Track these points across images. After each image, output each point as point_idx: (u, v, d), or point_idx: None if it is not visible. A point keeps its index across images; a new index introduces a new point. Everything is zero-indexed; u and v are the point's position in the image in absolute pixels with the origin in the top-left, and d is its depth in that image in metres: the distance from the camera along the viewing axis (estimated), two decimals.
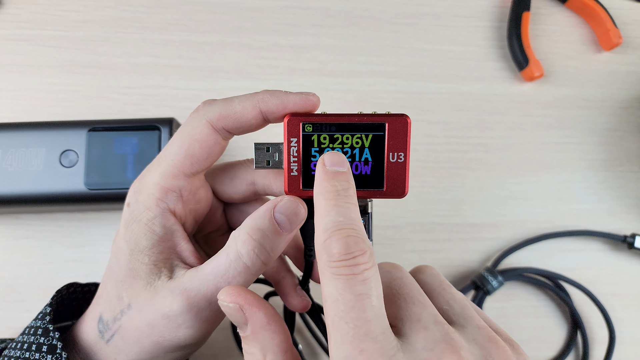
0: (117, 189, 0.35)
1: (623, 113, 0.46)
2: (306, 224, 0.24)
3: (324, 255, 0.19)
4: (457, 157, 0.44)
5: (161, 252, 0.24)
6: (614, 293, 0.43)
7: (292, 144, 0.23)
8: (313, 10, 0.45)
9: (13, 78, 0.41)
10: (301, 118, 0.23)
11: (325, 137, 0.23)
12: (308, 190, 0.23)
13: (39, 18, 0.43)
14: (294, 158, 0.23)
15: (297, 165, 0.23)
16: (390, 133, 0.23)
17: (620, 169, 0.45)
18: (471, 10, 0.47)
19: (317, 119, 0.23)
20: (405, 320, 0.19)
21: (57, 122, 0.36)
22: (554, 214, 0.44)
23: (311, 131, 0.23)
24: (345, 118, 0.23)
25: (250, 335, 0.21)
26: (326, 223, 0.19)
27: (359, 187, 0.23)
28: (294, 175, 0.23)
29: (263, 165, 0.24)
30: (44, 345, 0.24)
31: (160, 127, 0.35)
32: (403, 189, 0.23)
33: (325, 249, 0.19)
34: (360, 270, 0.18)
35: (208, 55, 0.43)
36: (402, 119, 0.23)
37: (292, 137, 0.23)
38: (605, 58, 0.47)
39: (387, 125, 0.23)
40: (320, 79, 0.44)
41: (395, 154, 0.23)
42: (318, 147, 0.23)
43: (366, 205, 0.24)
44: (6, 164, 0.35)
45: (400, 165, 0.23)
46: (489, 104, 0.45)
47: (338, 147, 0.23)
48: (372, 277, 0.18)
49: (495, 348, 0.19)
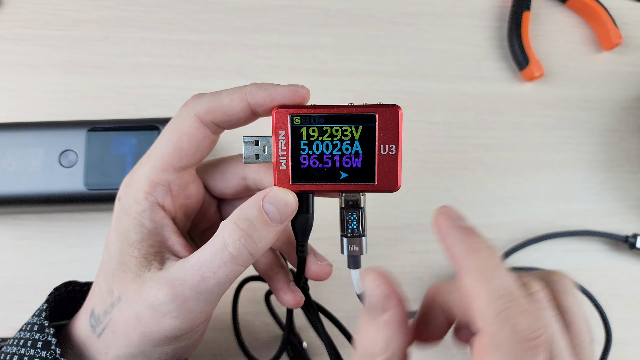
0: (117, 189, 0.34)
1: (623, 113, 0.46)
2: (297, 218, 0.24)
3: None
4: (457, 157, 0.44)
5: (151, 246, 0.24)
6: (614, 294, 0.43)
7: (280, 137, 0.23)
8: (313, 9, 0.45)
9: (12, 78, 0.41)
10: (289, 110, 0.23)
11: (314, 129, 0.22)
12: (297, 184, 0.23)
13: (38, 17, 0.42)
14: (282, 151, 0.23)
15: (285, 159, 0.23)
16: (381, 124, 0.22)
17: (621, 170, 0.45)
18: (471, 10, 0.47)
19: (305, 110, 0.22)
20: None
21: (56, 122, 0.36)
22: (554, 214, 0.44)
23: (300, 124, 0.23)
24: (335, 109, 0.22)
25: (383, 324, 0.21)
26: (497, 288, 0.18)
27: (350, 181, 0.23)
28: (283, 169, 0.23)
29: (252, 160, 0.24)
30: (39, 341, 0.24)
31: (159, 127, 0.35)
32: (395, 183, 0.23)
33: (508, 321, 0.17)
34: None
35: (207, 54, 0.43)
36: (393, 110, 0.22)
37: (281, 129, 0.23)
38: (606, 58, 0.47)
39: (377, 117, 0.22)
40: (320, 78, 0.44)
41: (387, 146, 0.22)
42: (307, 140, 0.23)
43: (359, 199, 0.24)
44: (5, 164, 0.35)
45: (392, 158, 0.22)
46: (489, 104, 0.45)
47: (327, 139, 0.22)
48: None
49: None
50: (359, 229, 0.23)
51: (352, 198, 0.23)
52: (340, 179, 0.23)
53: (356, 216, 0.23)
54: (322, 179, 0.23)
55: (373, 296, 0.21)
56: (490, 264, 0.19)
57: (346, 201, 0.24)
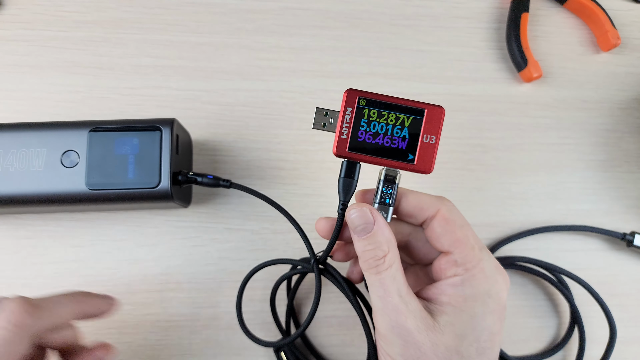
0: (118, 189, 0.35)
1: (621, 114, 0.46)
2: (345, 181, 0.28)
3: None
4: (456, 158, 0.44)
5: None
6: (612, 292, 0.43)
7: (347, 112, 0.27)
8: (313, 11, 0.45)
9: (14, 78, 0.42)
10: (358, 92, 0.27)
11: (374, 112, 0.27)
12: (352, 153, 0.27)
13: (40, 19, 0.43)
14: (346, 124, 0.27)
15: (347, 131, 0.27)
16: (427, 118, 0.27)
17: (619, 170, 0.45)
18: (470, 11, 0.47)
19: (371, 95, 0.27)
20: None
21: (58, 122, 0.36)
22: (553, 214, 0.44)
23: (364, 105, 0.27)
24: (394, 100, 0.27)
25: (377, 231, 0.27)
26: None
27: (394, 159, 0.27)
28: (344, 138, 0.27)
29: (319, 127, 0.28)
30: None
31: (161, 128, 0.35)
32: (430, 166, 0.27)
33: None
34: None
35: (209, 56, 0.43)
36: (439, 109, 0.27)
37: (349, 106, 0.27)
38: (604, 59, 0.47)
39: (426, 111, 0.27)
40: (320, 80, 0.44)
41: (429, 136, 0.27)
42: (367, 119, 0.27)
43: (396, 175, 0.28)
44: (7, 164, 0.35)
45: (431, 146, 0.27)
46: (487, 105, 0.45)
47: (383, 122, 0.27)
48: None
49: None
50: (391, 200, 0.28)
51: (391, 174, 0.28)
52: (386, 156, 0.27)
53: (391, 191, 0.28)
54: (372, 152, 0.27)
55: (361, 217, 0.27)
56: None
57: (386, 175, 0.28)
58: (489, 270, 0.27)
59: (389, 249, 0.26)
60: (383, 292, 0.26)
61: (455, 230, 0.27)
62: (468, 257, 0.27)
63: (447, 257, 0.28)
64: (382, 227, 0.27)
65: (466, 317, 0.26)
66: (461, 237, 0.27)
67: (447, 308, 0.26)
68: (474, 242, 0.27)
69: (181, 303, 0.39)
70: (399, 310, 0.26)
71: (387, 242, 0.27)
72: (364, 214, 0.27)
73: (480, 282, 0.27)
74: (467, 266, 0.27)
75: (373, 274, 0.26)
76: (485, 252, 0.28)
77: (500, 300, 0.27)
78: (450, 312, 0.26)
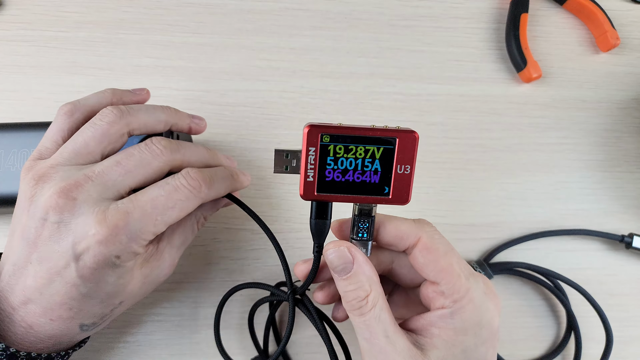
0: None
1: (620, 114, 0.46)
2: (317, 223, 0.27)
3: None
4: (455, 158, 0.44)
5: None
6: (611, 293, 0.43)
7: (310, 153, 0.25)
8: (312, 12, 0.45)
9: (15, 79, 0.42)
10: (320, 129, 0.25)
11: (340, 147, 0.25)
12: (321, 194, 0.26)
13: (40, 19, 0.43)
14: (310, 165, 0.25)
15: (313, 172, 0.25)
16: (400, 147, 0.25)
17: (618, 170, 0.45)
18: (469, 12, 0.47)
19: (334, 130, 0.25)
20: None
21: None
22: (552, 214, 0.44)
23: (328, 141, 0.25)
24: (361, 131, 0.25)
25: (358, 270, 0.26)
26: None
27: (367, 194, 0.26)
28: (310, 180, 0.25)
29: (281, 170, 0.27)
30: None
31: None
32: (407, 198, 0.26)
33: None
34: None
35: (209, 56, 0.44)
36: (412, 135, 0.25)
37: (311, 146, 0.25)
38: (603, 59, 0.47)
39: (397, 140, 0.25)
40: (320, 80, 0.44)
41: (403, 166, 0.25)
42: (333, 156, 0.25)
43: (371, 209, 0.27)
44: (8, 164, 0.35)
45: (406, 177, 0.25)
46: (486, 105, 0.45)
47: (352, 157, 0.25)
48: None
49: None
50: (368, 234, 0.27)
51: (366, 208, 0.27)
52: (358, 192, 0.26)
53: (368, 224, 0.27)
54: (343, 190, 0.26)
55: (340, 258, 0.26)
56: None
57: (360, 210, 0.27)
58: (478, 300, 0.26)
59: (370, 287, 0.25)
60: (369, 334, 0.25)
61: (438, 259, 0.26)
62: (455, 288, 0.26)
63: (434, 287, 0.27)
64: (362, 266, 0.26)
65: (458, 351, 0.25)
66: (445, 266, 0.26)
67: (438, 342, 0.26)
68: (459, 270, 0.26)
69: (181, 303, 0.40)
70: (386, 353, 0.25)
71: (368, 281, 0.26)
72: (342, 254, 0.26)
73: (470, 313, 0.26)
74: (455, 297, 0.26)
75: (357, 315, 0.26)
76: (473, 280, 0.26)
77: (492, 327, 0.26)
78: (441, 346, 0.25)
